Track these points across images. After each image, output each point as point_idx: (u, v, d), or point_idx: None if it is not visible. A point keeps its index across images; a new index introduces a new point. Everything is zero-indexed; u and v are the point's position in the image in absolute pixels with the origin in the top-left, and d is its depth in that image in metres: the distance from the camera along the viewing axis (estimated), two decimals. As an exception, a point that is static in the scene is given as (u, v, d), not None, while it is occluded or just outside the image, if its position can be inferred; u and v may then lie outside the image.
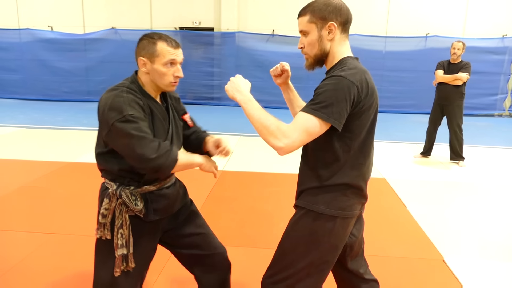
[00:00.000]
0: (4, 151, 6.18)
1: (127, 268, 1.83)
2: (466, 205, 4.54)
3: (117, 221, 1.80)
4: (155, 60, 1.77)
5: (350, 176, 1.69)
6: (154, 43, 1.77)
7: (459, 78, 5.89)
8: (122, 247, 1.80)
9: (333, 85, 1.56)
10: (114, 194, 1.81)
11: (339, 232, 1.72)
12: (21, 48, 12.44)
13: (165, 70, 1.78)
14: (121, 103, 1.68)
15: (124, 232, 1.81)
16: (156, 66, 1.78)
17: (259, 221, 3.93)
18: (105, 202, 1.82)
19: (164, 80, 1.80)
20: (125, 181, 1.82)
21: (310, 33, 1.71)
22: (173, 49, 1.79)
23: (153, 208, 1.87)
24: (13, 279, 2.79)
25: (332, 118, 1.54)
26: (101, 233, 1.83)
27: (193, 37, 12.26)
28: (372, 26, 11.85)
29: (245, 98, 1.70)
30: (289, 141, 1.54)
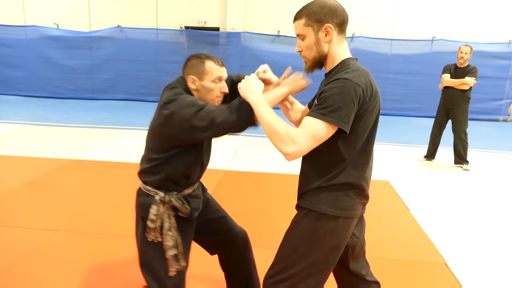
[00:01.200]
0: (9, 148, 6.20)
1: (180, 267, 1.96)
2: (469, 209, 4.52)
3: (166, 224, 1.94)
4: (204, 77, 1.92)
5: (353, 176, 1.70)
6: (203, 62, 1.93)
7: (466, 83, 5.87)
8: (173, 247, 1.95)
9: (339, 89, 1.55)
10: (162, 200, 1.94)
11: (341, 232, 1.72)
12: (26, 45, 12.48)
13: (213, 86, 1.93)
14: (191, 99, 1.82)
15: (173, 234, 1.95)
16: (205, 83, 1.92)
17: (261, 222, 3.92)
18: (154, 209, 1.94)
19: (212, 95, 1.94)
20: (170, 188, 1.97)
21: (307, 37, 1.70)
22: (219, 67, 1.94)
23: (193, 207, 2.04)
24: (16, 275, 2.80)
25: (341, 122, 1.54)
26: (153, 236, 1.94)
27: (198, 37, 12.27)
28: (378, 29, 11.83)
29: (257, 100, 1.69)
30: (297, 147, 1.55)
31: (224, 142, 7.21)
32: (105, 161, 5.67)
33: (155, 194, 1.95)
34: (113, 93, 12.35)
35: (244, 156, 6.31)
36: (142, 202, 1.99)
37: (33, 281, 2.74)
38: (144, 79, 12.32)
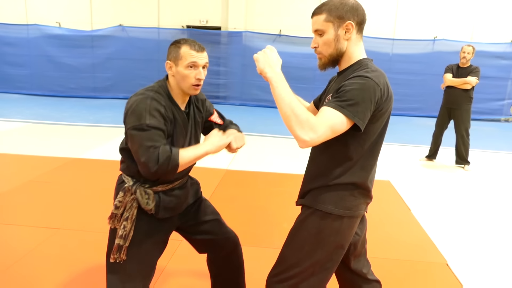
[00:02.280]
0: (10, 146, 6.21)
1: (120, 259, 1.89)
2: (470, 209, 4.52)
3: (126, 213, 1.90)
4: (179, 63, 1.85)
5: (359, 177, 1.70)
6: (179, 47, 1.85)
7: (468, 82, 5.87)
8: (121, 238, 1.88)
9: (360, 85, 1.54)
10: (129, 189, 1.91)
11: (345, 231, 1.72)
12: (28, 43, 12.50)
13: (187, 72, 1.84)
14: (142, 110, 1.75)
15: (127, 225, 1.89)
16: (179, 69, 1.85)
17: (263, 221, 3.93)
18: (120, 195, 1.92)
19: (186, 83, 1.87)
20: (141, 179, 1.91)
21: (326, 32, 1.67)
22: (195, 52, 1.84)
23: (164, 206, 1.95)
24: (18, 273, 2.81)
25: (357, 117, 1.52)
26: (112, 224, 1.93)
27: (200, 36, 12.26)
28: (380, 28, 11.82)
29: (277, 77, 1.60)
30: (315, 135, 1.49)
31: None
32: (106, 160, 5.67)
33: (127, 182, 1.94)
34: (114, 91, 12.35)
35: (245, 155, 6.30)
36: (116, 188, 2.02)
37: (34, 279, 2.74)
38: (146, 78, 12.28)
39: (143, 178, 1.90)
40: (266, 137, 7.68)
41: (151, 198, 1.90)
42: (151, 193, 1.91)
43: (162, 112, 1.79)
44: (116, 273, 1.92)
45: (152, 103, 1.78)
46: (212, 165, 5.56)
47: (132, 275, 1.92)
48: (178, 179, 2.01)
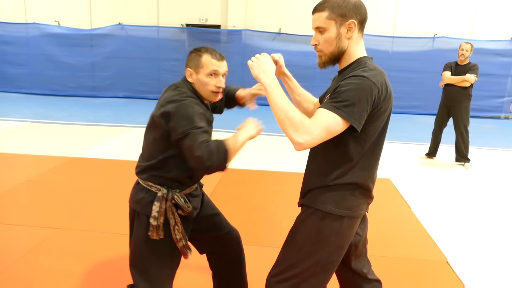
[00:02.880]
0: (10, 145, 6.20)
1: (190, 253, 2.02)
2: (470, 207, 4.51)
3: (171, 221, 1.95)
4: (200, 71, 1.92)
5: (360, 176, 1.68)
6: (200, 56, 1.92)
7: (466, 80, 5.86)
8: (181, 240, 1.98)
9: (356, 85, 1.53)
10: (164, 197, 1.93)
11: (345, 232, 1.71)
12: (28, 42, 12.48)
13: (208, 80, 1.92)
14: (192, 114, 1.80)
15: (179, 228, 1.97)
16: (200, 77, 1.92)
17: (262, 220, 3.92)
18: (156, 205, 1.92)
19: (206, 90, 1.94)
20: (174, 185, 1.97)
21: (328, 30, 1.65)
22: (216, 61, 1.92)
23: (194, 206, 2.06)
24: (17, 273, 2.80)
25: (353, 118, 1.51)
26: (156, 235, 1.93)
27: (199, 34, 12.25)
28: (379, 26, 11.80)
29: (271, 82, 1.64)
30: (309, 137, 1.49)
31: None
32: (106, 159, 5.67)
33: (157, 191, 1.93)
34: (114, 90, 12.34)
35: (245, 154, 6.28)
36: (141, 198, 1.97)
37: (34, 279, 2.74)
38: (145, 77, 12.31)
39: (177, 183, 1.97)
40: (266, 135, 7.67)
41: (187, 201, 1.99)
42: (184, 196, 1.99)
43: (207, 116, 1.89)
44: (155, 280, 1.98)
45: (196, 107, 1.85)
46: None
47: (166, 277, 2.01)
48: (198, 180, 2.12)
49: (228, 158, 1.76)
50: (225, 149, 1.74)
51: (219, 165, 1.74)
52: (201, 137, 1.74)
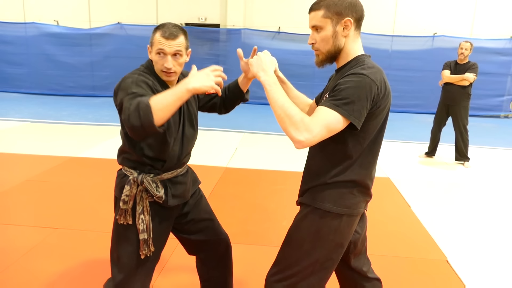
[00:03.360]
0: (9, 145, 6.19)
1: (149, 253, 1.90)
2: (470, 206, 4.51)
3: (138, 207, 1.88)
4: (152, 49, 1.85)
5: (358, 174, 1.68)
6: (155, 32, 1.84)
7: (466, 79, 5.85)
8: (144, 232, 1.88)
9: (355, 83, 1.52)
10: (135, 181, 1.87)
11: (344, 230, 1.71)
12: (26, 42, 12.46)
13: (156, 59, 1.83)
14: (129, 83, 1.73)
15: (145, 218, 1.88)
16: (153, 55, 1.85)
17: (263, 219, 3.91)
18: (126, 189, 1.88)
19: (157, 69, 1.86)
20: (146, 169, 1.90)
21: (324, 29, 1.65)
22: (164, 40, 1.79)
23: (172, 194, 1.95)
24: (16, 273, 2.80)
25: (353, 116, 1.51)
26: (123, 220, 1.90)
27: (198, 33, 12.24)
28: (379, 25, 11.80)
29: (270, 80, 1.63)
30: (310, 136, 1.48)
31: (225, 139, 7.20)
32: (105, 159, 5.66)
33: (130, 175, 1.89)
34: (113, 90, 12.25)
35: (245, 153, 6.29)
36: (118, 183, 1.96)
37: (33, 279, 2.73)
38: (145, 76, 12.28)
39: (149, 167, 1.89)
40: (266, 134, 7.66)
41: (159, 185, 1.89)
42: (158, 181, 1.90)
43: (149, 84, 1.78)
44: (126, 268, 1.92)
45: (139, 77, 1.79)
46: (212, 163, 5.55)
47: (139, 268, 1.92)
48: (180, 166, 2.01)
49: (152, 115, 1.54)
50: (147, 105, 1.54)
51: (142, 124, 1.54)
52: (129, 101, 1.62)
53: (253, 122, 8.98)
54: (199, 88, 1.59)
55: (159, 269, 2.88)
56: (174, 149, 1.92)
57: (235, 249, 3.25)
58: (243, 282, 2.81)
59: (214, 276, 2.29)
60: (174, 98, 1.57)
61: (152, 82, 1.81)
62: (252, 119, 9.35)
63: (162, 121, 1.58)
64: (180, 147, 1.95)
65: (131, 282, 1.91)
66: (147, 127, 1.55)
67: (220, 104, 2.19)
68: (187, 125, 1.98)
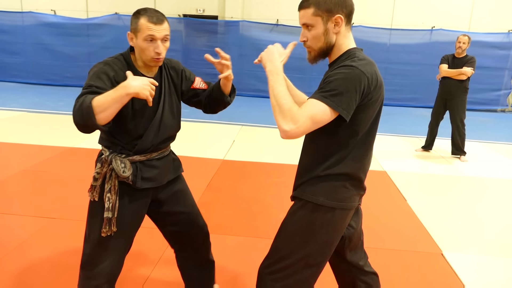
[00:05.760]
0: (5, 135, 6.17)
1: (110, 232, 1.89)
2: (466, 199, 4.54)
3: (107, 185, 1.88)
4: (138, 35, 1.80)
5: (351, 167, 1.68)
6: (138, 18, 1.79)
7: (463, 73, 5.85)
8: (108, 210, 1.87)
9: (344, 74, 1.52)
10: (106, 160, 1.89)
11: (337, 224, 1.71)
12: (23, 31, 12.38)
13: (146, 45, 1.80)
14: (91, 74, 1.76)
15: (111, 197, 1.88)
16: (138, 41, 1.81)
17: (258, 211, 3.93)
18: (98, 167, 1.91)
19: (146, 56, 1.83)
20: (117, 149, 1.91)
21: (315, 27, 1.65)
22: (153, 25, 1.77)
23: (142, 176, 1.94)
24: (12, 262, 2.81)
25: (341, 108, 1.50)
26: (92, 196, 1.92)
27: (196, 25, 12.19)
28: (377, 18, 11.76)
29: (273, 70, 1.64)
30: (294, 126, 1.48)
31: (222, 131, 7.20)
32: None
33: (104, 153, 1.93)
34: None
35: (242, 145, 6.30)
36: (96, 160, 1.97)
37: (29, 269, 2.74)
38: (142, 67, 12.23)
39: (120, 147, 1.91)
40: (264, 127, 7.66)
41: (127, 167, 1.88)
42: (127, 162, 1.89)
43: (110, 76, 1.78)
44: (93, 244, 1.93)
45: (104, 68, 1.78)
46: (209, 156, 5.55)
47: (107, 245, 1.92)
48: (156, 151, 1.99)
49: (94, 115, 1.59)
50: (88, 106, 1.58)
51: (84, 123, 1.62)
52: (79, 97, 1.66)
53: (251, 114, 8.97)
54: (138, 94, 1.62)
55: (153, 262, 2.89)
56: (148, 134, 1.91)
57: (230, 241, 3.28)
58: (236, 273, 2.83)
59: (191, 271, 2.29)
60: (115, 101, 1.61)
61: (115, 73, 1.80)
62: (249, 111, 9.34)
63: (104, 121, 1.63)
64: (155, 132, 1.94)
65: (98, 258, 1.92)
66: (90, 126, 1.63)
67: (206, 103, 2.15)
68: (167, 113, 1.98)
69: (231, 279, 2.78)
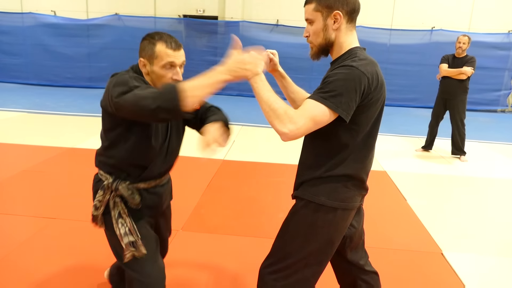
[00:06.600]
0: (6, 136, 6.17)
1: (140, 253, 1.78)
2: (465, 199, 4.53)
3: (114, 212, 1.79)
4: (154, 62, 1.71)
5: (352, 168, 1.68)
6: (154, 44, 1.70)
7: (463, 73, 5.86)
8: (127, 235, 1.78)
9: (344, 75, 1.52)
10: (109, 187, 1.79)
11: (338, 224, 1.71)
12: (23, 32, 12.38)
13: (163, 72, 1.72)
14: (127, 78, 1.63)
15: (125, 221, 1.79)
16: (155, 68, 1.72)
17: (259, 211, 3.93)
18: (99, 194, 1.80)
19: (162, 83, 1.73)
20: (122, 176, 1.82)
21: (315, 22, 1.67)
22: (172, 51, 1.70)
23: (146, 204, 1.87)
24: (13, 262, 2.80)
25: (341, 109, 1.50)
26: (96, 226, 1.84)
27: (196, 26, 12.20)
28: (378, 19, 11.77)
29: (256, 77, 1.59)
30: (294, 127, 1.48)
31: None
32: (102, 150, 5.65)
33: (105, 180, 1.81)
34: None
35: (242, 145, 6.30)
36: (93, 186, 1.88)
37: (30, 269, 2.74)
38: (142, 68, 12.23)
39: (125, 173, 1.81)
40: (263, 127, 7.66)
41: (135, 192, 1.82)
42: (134, 189, 1.82)
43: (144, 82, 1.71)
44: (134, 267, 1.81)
45: (133, 75, 1.69)
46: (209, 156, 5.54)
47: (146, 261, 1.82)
48: (160, 177, 1.93)
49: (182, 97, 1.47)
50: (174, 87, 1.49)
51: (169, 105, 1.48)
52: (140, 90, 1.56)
53: (251, 114, 8.97)
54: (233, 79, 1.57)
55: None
56: (156, 162, 1.85)
57: (231, 241, 3.28)
58: (238, 274, 2.83)
59: None
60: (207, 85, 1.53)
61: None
62: (249, 111, 9.34)
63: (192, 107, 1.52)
64: (163, 160, 1.87)
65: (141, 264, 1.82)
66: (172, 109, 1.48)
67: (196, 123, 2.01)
68: (174, 137, 1.91)
69: (231, 279, 2.78)
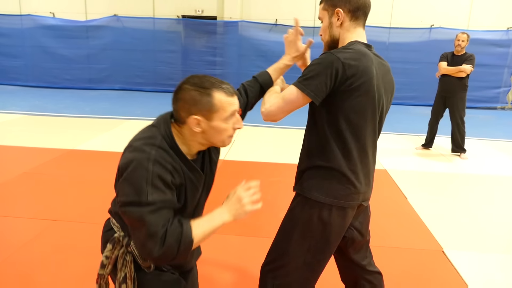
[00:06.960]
0: (6, 138, 6.18)
1: None
2: (466, 197, 4.53)
3: (120, 273, 1.52)
4: (214, 116, 1.41)
5: (334, 161, 1.65)
6: (209, 95, 1.39)
7: (462, 70, 5.85)
8: None
9: (319, 60, 1.59)
10: (119, 241, 1.53)
11: (335, 221, 1.69)
12: (22, 34, 12.39)
13: (225, 125, 1.45)
14: (142, 181, 1.31)
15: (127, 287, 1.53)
16: (216, 123, 1.42)
17: (260, 211, 3.90)
18: (108, 248, 1.55)
19: (223, 136, 1.47)
20: None
21: (323, 20, 1.75)
22: (231, 99, 1.44)
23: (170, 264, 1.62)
24: (14, 265, 2.81)
25: (308, 89, 1.57)
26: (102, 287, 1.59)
27: (195, 26, 12.20)
28: (376, 17, 11.70)
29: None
30: (266, 106, 1.69)
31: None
32: (102, 151, 5.66)
33: (117, 230, 1.55)
34: (110, 82, 12.28)
35: (242, 145, 6.30)
36: (103, 235, 1.64)
37: (31, 271, 2.74)
38: (141, 69, 12.26)
39: None
40: (264, 127, 7.66)
41: None
42: None
43: (168, 181, 1.37)
44: None
45: (155, 169, 1.33)
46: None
47: None
48: None
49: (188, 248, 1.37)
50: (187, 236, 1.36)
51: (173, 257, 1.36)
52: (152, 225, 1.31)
53: (250, 114, 8.96)
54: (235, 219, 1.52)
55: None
56: None
57: (232, 241, 3.28)
58: (239, 273, 2.83)
59: None
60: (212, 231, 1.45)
61: (171, 175, 1.39)
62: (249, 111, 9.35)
63: None
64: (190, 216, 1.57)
65: None
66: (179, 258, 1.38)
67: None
68: (204, 193, 1.70)
69: (232, 279, 2.78)
